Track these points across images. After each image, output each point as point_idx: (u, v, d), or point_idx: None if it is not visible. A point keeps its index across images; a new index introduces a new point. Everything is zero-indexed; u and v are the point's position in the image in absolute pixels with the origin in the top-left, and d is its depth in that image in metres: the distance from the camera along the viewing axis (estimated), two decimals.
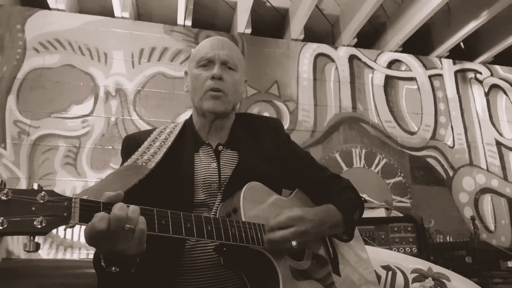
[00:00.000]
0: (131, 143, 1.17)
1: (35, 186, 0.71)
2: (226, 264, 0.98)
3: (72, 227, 0.74)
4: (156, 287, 1.03)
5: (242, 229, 0.96)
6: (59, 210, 0.71)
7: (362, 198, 1.31)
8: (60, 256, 2.96)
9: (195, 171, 1.12)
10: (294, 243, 0.97)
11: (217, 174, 1.13)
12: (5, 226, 0.65)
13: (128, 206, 0.78)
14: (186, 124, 1.26)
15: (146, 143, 1.15)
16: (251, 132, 1.26)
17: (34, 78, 3.30)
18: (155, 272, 1.02)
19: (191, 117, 1.28)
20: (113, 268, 0.82)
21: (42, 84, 3.30)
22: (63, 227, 0.72)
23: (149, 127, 3.37)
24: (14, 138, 3.14)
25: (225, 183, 1.12)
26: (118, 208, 0.76)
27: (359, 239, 1.31)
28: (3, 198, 0.66)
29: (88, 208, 0.75)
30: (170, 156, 1.11)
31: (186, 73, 1.28)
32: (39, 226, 0.68)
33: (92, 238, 0.75)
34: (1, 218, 0.65)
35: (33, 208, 0.69)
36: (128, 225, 0.76)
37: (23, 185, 3.06)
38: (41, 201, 0.70)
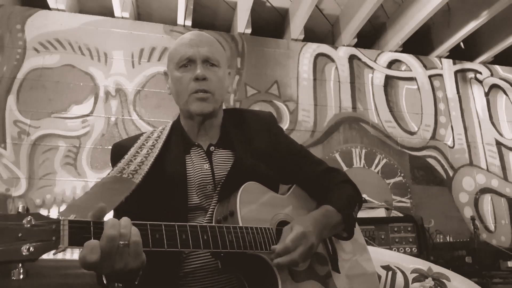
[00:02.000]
0: (119, 151, 1.12)
1: (21, 209, 0.68)
2: (224, 268, 0.98)
3: (62, 251, 0.70)
4: None
5: (239, 234, 0.94)
6: (47, 234, 0.67)
7: (363, 198, 1.30)
8: (60, 256, 2.96)
9: (188, 174, 1.09)
10: (300, 261, 0.97)
11: (211, 175, 1.10)
12: None
13: (119, 220, 0.76)
14: (174, 126, 1.21)
15: (132, 150, 1.10)
16: (243, 128, 1.21)
17: (34, 78, 3.30)
18: (154, 280, 1.01)
19: (178, 118, 1.23)
20: (116, 285, 0.81)
21: (42, 84, 3.30)
22: (53, 252, 0.69)
23: (149, 127, 3.40)
24: (14, 138, 3.14)
25: (220, 183, 1.09)
26: (110, 227, 0.73)
27: (359, 235, 1.29)
28: None
29: (77, 229, 0.71)
30: (159, 160, 1.07)
31: (165, 74, 1.22)
32: (27, 253, 0.65)
33: (86, 267, 0.73)
34: None
35: (20, 234, 0.65)
36: (122, 242, 0.73)
37: (23, 185, 3.06)
38: (28, 226, 0.66)
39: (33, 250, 0.65)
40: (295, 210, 1.15)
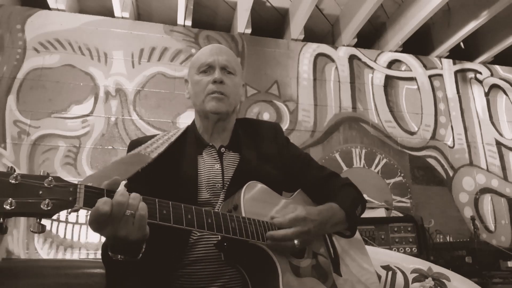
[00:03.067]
0: (136, 147, 1.19)
1: (43, 173, 0.76)
2: (226, 259, 1.00)
3: (77, 210, 0.77)
4: (159, 279, 1.06)
5: (242, 223, 0.97)
6: (65, 194, 0.75)
7: (365, 201, 1.31)
8: (60, 256, 2.96)
9: (199, 172, 1.16)
10: (296, 242, 0.99)
11: (221, 175, 1.16)
12: (14, 207, 0.69)
13: (129, 194, 0.82)
14: (189, 128, 1.30)
15: (149, 142, 1.19)
16: (252, 135, 1.30)
17: (34, 78, 3.30)
18: (159, 264, 1.05)
19: (193, 122, 1.32)
20: (119, 256, 0.85)
21: (42, 84, 3.30)
22: (68, 211, 0.77)
23: (149, 127, 3.41)
24: (14, 138, 3.14)
25: (228, 183, 1.15)
26: (120, 194, 0.80)
27: (358, 238, 1.32)
28: (13, 181, 0.71)
29: (92, 194, 0.79)
30: (173, 155, 1.15)
31: (186, 81, 1.33)
32: (46, 208, 0.72)
33: (96, 222, 0.79)
34: (10, 199, 0.69)
35: (40, 192, 0.73)
36: (129, 211, 0.80)
37: None
38: (48, 186, 0.74)
39: (51, 206, 0.73)
40: None
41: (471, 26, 3.85)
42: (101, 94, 3.41)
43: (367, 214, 2.70)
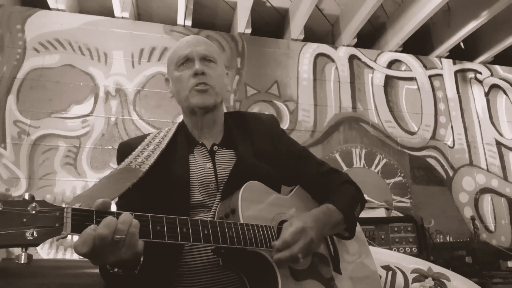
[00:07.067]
0: (125, 150, 1.15)
1: (26, 197, 0.70)
2: (225, 265, 0.98)
3: (64, 237, 0.72)
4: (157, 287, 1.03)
5: (240, 231, 0.94)
6: (50, 220, 0.70)
7: (365, 199, 1.30)
8: (60, 256, 2.96)
9: (191, 172, 1.11)
10: (300, 255, 0.96)
11: (213, 174, 1.12)
12: None
13: (118, 217, 0.76)
14: (179, 126, 1.25)
15: (139, 147, 1.14)
16: (246, 130, 1.23)
17: (34, 78, 3.30)
18: (154, 274, 1.02)
19: (182, 120, 1.27)
20: (116, 270, 0.82)
21: (42, 84, 3.30)
22: (55, 238, 0.72)
23: (149, 127, 3.41)
24: (14, 138, 3.14)
25: (223, 183, 1.10)
26: (103, 226, 0.74)
27: (360, 235, 1.30)
28: None
29: (80, 217, 0.74)
30: (164, 158, 1.10)
31: (167, 80, 1.27)
32: (31, 238, 0.67)
33: (82, 256, 0.75)
34: None
35: (24, 220, 0.68)
36: (118, 236, 0.75)
37: (23, 185, 3.06)
38: (33, 212, 0.69)
39: (36, 235, 0.68)
40: (297, 210, 1.15)
41: (471, 26, 3.85)
42: (101, 94, 3.41)
43: (367, 214, 2.71)
